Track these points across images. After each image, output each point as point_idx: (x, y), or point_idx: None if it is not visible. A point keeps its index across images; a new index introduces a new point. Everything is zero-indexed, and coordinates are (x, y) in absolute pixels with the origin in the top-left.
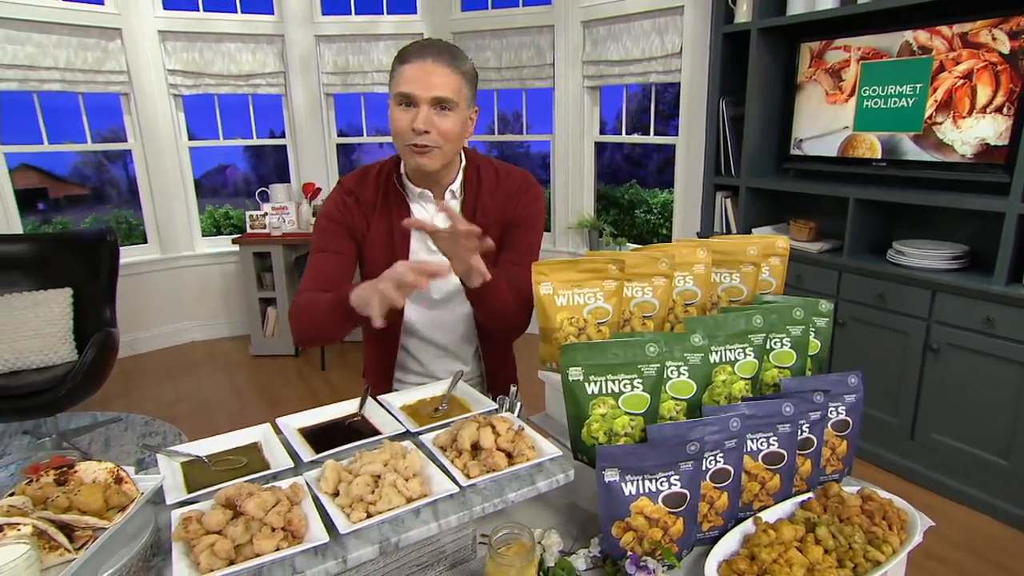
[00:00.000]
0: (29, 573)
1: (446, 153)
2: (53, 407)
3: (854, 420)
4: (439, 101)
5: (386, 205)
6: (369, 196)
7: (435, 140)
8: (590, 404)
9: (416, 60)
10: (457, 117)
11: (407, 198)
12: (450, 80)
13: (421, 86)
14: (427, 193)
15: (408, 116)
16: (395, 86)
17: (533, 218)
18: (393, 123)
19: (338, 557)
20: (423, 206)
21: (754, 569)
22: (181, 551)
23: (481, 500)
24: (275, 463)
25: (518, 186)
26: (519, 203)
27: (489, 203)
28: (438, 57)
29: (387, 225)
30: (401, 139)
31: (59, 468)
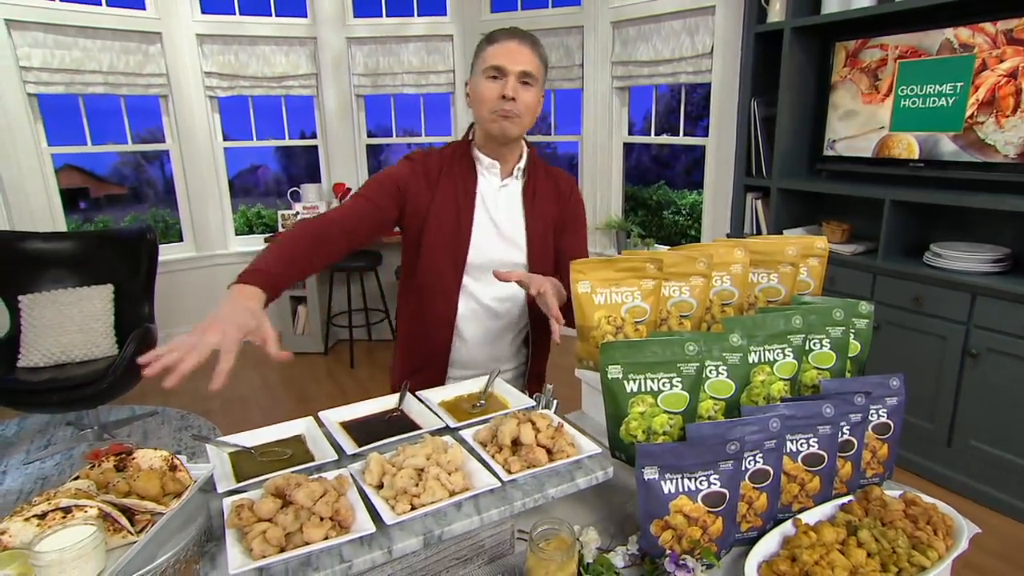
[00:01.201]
0: (96, 553)
1: (525, 124)
2: (95, 399)
3: (895, 423)
4: (525, 75)
5: (452, 172)
6: (435, 165)
7: (519, 108)
8: (629, 402)
9: (505, 40)
10: (536, 92)
11: (476, 166)
12: (533, 59)
13: (510, 60)
14: (495, 164)
15: (496, 86)
16: (484, 62)
17: (582, 220)
18: (480, 94)
19: (384, 548)
20: (488, 177)
21: (795, 570)
22: (234, 537)
23: (521, 495)
24: (319, 455)
25: (568, 185)
26: (570, 202)
27: (544, 191)
28: (523, 39)
29: (452, 191)
30: (488, 106)
31: (118, 454)
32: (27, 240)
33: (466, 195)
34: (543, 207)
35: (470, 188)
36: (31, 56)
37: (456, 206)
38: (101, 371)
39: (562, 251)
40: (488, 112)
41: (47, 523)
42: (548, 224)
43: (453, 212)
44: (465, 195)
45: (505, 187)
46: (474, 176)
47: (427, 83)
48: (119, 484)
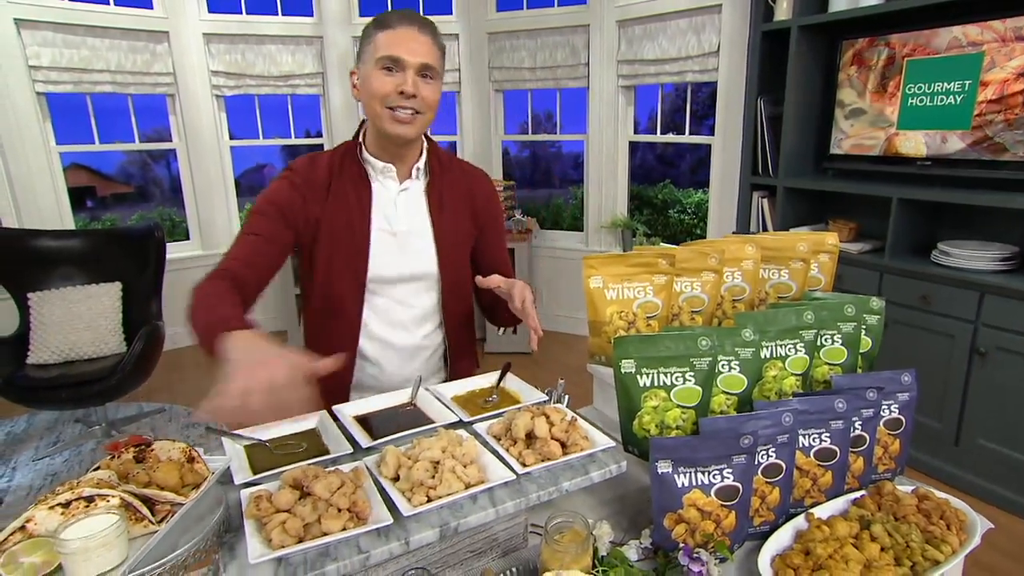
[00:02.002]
0: (119, 541)
1: (425, 122)
2: (104, 396)
3: (907, 419)
4: (425, 68)
5: (342, 182)
6: (321, 177)
7: (420, 105)
8: (642, 396)
9: (401, 27)
10: (437, 87)
11: (368, 175)
12: (432, 50)
13: (408, 51)
14: (390, 168)
15: (392, 80)
16: (376, 50)
17: (499, 215)
18: (372, 87)
19: (401, 539)
20: (384, 183)
21: (809, 564)
22: (253, 528)
23: (536, 488)
24: (334, 448)
25: (481, 180)
26: (487, 200)
27: (453, 189)
28: (423, 27)
29: (344, 201)
30: (382, 103)
31: (137, 446)
32: (36, 238)
33: (360, 204)
34: (453, 207)
35: (363, 196)
36: (40, 55)
37: (349, 218)
38: (109, 368)
39: (482, 253)
40: (382, 108)
41: (71, 512)
42: (460, 226)
43: (346, 225)
44: (359, 205)
45: (405, 191)
46: (367, 182)
47: None
48: (139, 475)
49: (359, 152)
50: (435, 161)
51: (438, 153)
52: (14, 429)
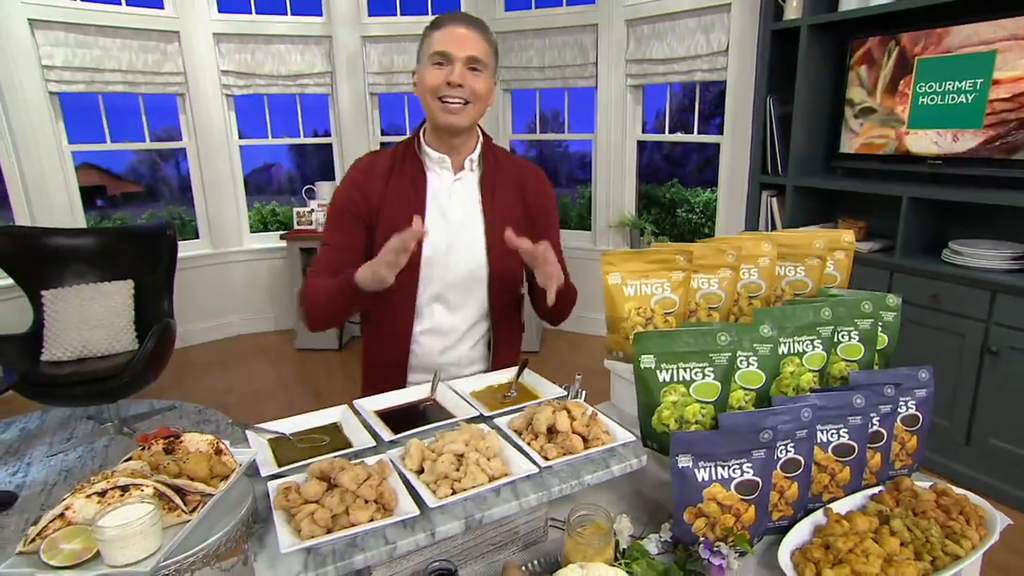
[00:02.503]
0: (154, 530)
1: (475, 112)
2: (116, 393)
3: (924, 415)
4: (473, 60)
5: (401, 171)
6: (382, 167)
7: (467, 95)
8: (661, 391)
9: (450, 25)
10: (486, 78)
11: (424, 166)
12: (481, 44)
13: (456, 46)
14: (446, 160)
15: (442, 72)
16: (429, 48)
17: (555, 211)
18: (425, 82)
19: (427, 530)
20: (439, 173)
21: (829, 558)
22: (282, 518)
23: (558, 481)
24: (357, 442)
25: (534, 176)
26: (538, 194)
27: (506, 183)
28: (471, 24)
29: (403, 190)
30: (434, 94)
31: (167, 438)
32: (50, 236)
33: (416, 193)
34: (504, 200)
35: (420, 186)
36: (53, 55)
37: (407, 205)
38: (122, 365)
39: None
40: (434, 100)
41: (107, 500)
42: (511, 217)
43: (404, 211)
44: (415, 193)
45: (459, 180)
46: (423, 173)
47: None
48: (169, 466)
49: (418, 145)
50: (489, 154)
51: (493, 147)
52: (28, 425)
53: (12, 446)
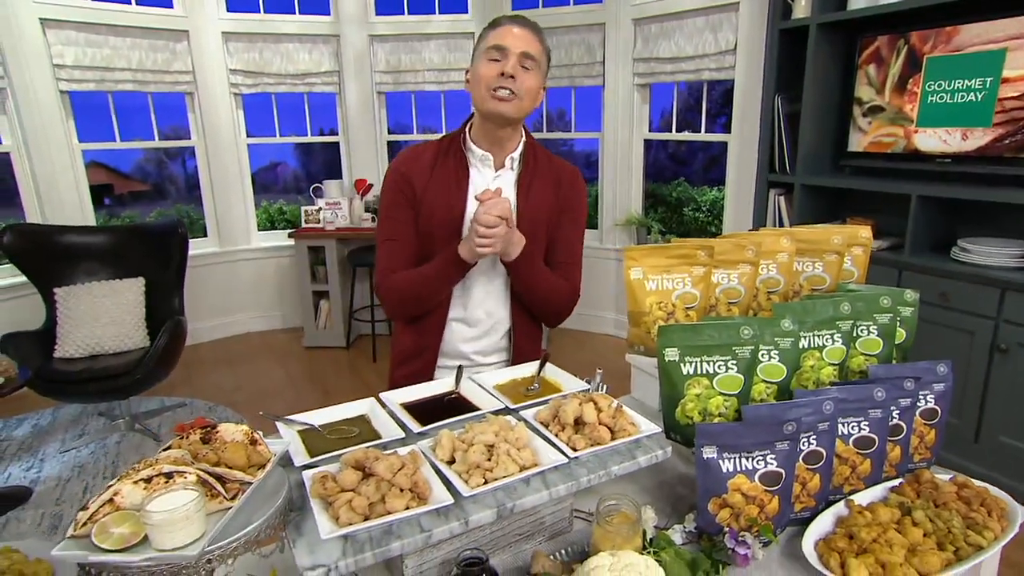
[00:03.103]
0: (199, 516)
1: (523, 107)
2: (129, 389)
3: (942, 409)
4: (526, 56)
5: (445, 164)
6: (427, 159)
7: (518, 88)
8: (685, 384)
9: (507, 24)
10: (537, 76)
11: (468, 161)
12: (535, 44)
13: (511, 40)
14: (488, 157)
15: (496, 65)
16: (486, 43)
17: (583, 210)
18: (479, 74)
19: (460, 519)
20: (481, 170)
21: (853, 547)
22: (320, 506)
23: (586, 472)
24: (386, 433)
25: (570, 175)
26: (572, 192)
27: (543, 180)
28: (526, 25)
29: (445, 183)
30: (486, 85)
31: (204, 428)
32: (62, 234)
33: (458, 187)
34: (539, 197)
35: (462, 180)
36: (64, 54)
37: (448, 197)
38: (134, 362)
39: (553, 241)
40: (486, 91)
41: (152, 487)
42: (543, 215)
43: (445, 203)
44: (457, 187)
45: (499, 178)
46: (466, 169)
47: (448, 80)
48: (208, 455)
49: (463, 141)
50: (530, 153)
51: (535, 147)
52: (40, 422)
53: (25, 442)
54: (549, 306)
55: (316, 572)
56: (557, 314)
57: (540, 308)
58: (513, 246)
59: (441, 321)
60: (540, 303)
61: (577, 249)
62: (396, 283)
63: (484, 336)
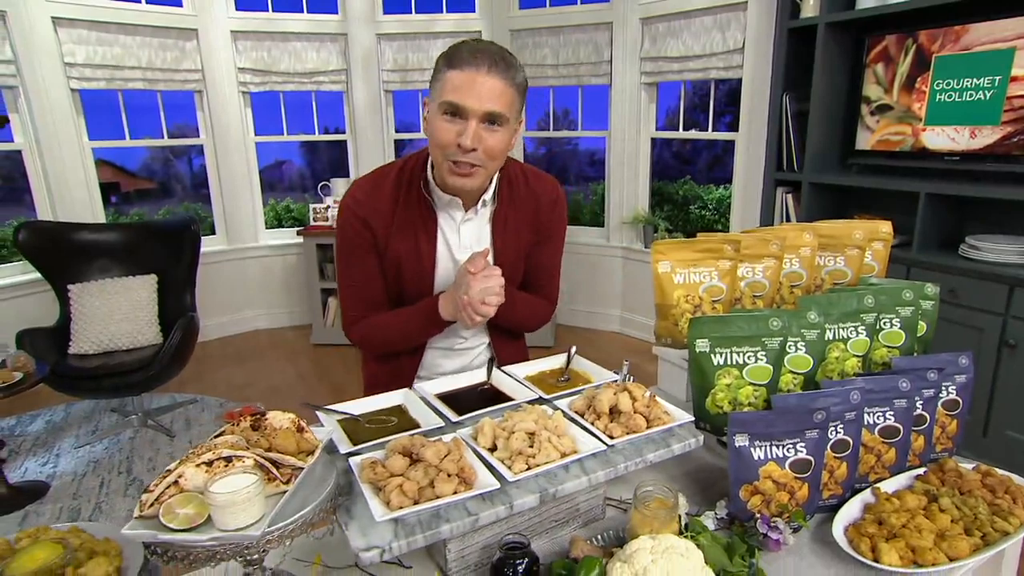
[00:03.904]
0: (259, 498)
1: (488, 172)
2: (144, 385)
3: (964, 400)
4: (490, 116)
5: (408, 210)
6: (385, 206)
7: (480, 159)
8: (716, 375)
9: (469, 68)
10: (505, 134)
11: (434, 206)
12: (503, 93)
13: (473, 98)
14: (456, 201)
15: (454, 129)
16: (442, 93)
17: (562, 231)
18: (435, 134)
19: (505, 503)
20: (451, 215)
21: (883, 533)
22: (371, 491)
23: (623, 459)
24: (424, 422)
25: (549, 196)
26: (552, 216)
27: (520, 213)
28: (493, 67)
29: (411, 229)
30: (443, 153)
31: (253, 415)
32: (75, 231)
33: (426, 232)
34: (516, 232)
35: (429, 225)
36: (75, 53)
37: (416, 245)
38: (148, 358)
39: (533, 265)
40: (443, 159)
41: (213, 470)
42: (521, 248)
43: (413, 251)
44: (425, 233)
45: (469, 220)
46: (432, 213)
47: None
48: (260, 441)
49: (424, 183)
50: (505, 187)
51: (510, 174)
52: (53, 418)
53: (40, 438)
54: (527, 325)
55: (371, 553)
56: (534, 327)
57: (518, 327)
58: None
59: (416, 351)
60: (518, 325)
61: (556, 267)
62: (367, 332)
63: (463, 354)
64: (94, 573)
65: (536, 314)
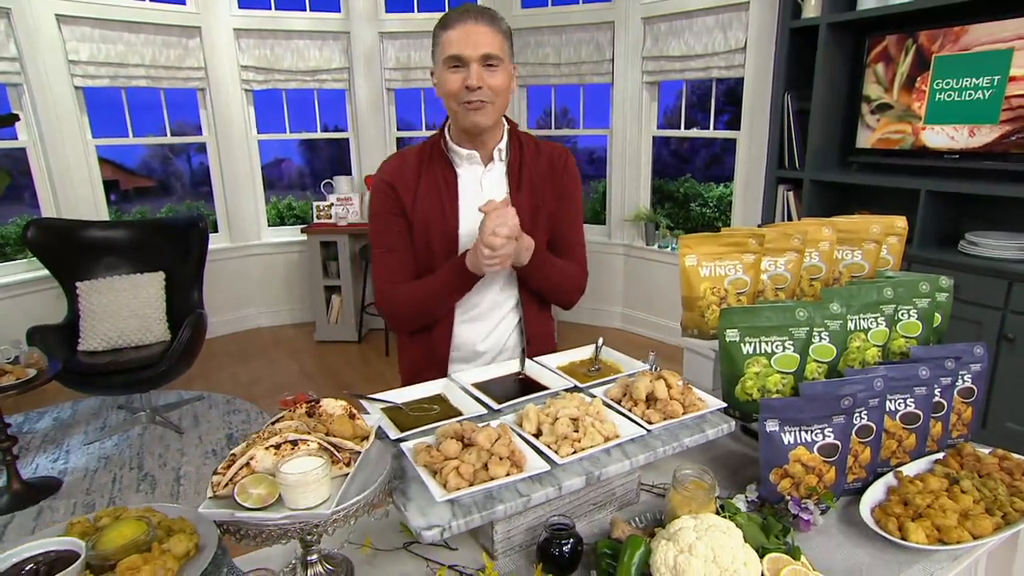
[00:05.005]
0: (326, 479)
1: (498, 108)
2: (153, 382)
3: (979, 388)
4: (487, 58)
5: (431, 172)
6: (410, 172)
7: (487, 95)
8: (745, 363)
9: (459, 24)
10: (504, 72)
11: (453, 163)
12: (494, 38)
13: (469, 46)
14: (474, 155)
15: (459, 76)
16: (443, 51)
17: (577, 191)
18: (444, 86)
19: (554, 485)
20: (469, 168)
21: (908, 513)
22: (427, 473)
23: (661, 443)
24: (466, 410)
25: (561, 157)
26: (565, 173)
27: (533, 167)
28: (479, 18)
29: (435, 189)
30: (455, 99)
31: (308, 402)
32: (83, 229)
33: (448, 190)
34: (533, 186)
35: (450, 182)
36: (79, 50)
37: (440, 202)
38: (157, 355)
39: (557, 225)
40: (456, 104)
41: (281, 453)
42: (540, 204)
43: (438, 214)
44: (447, 190)
45: (488, 172)
46: (453, 172)
47: None
48: (317, 426)
49: (444, 144)
50: (516, 142)
51: (519, 135)
52: (60, 415)
53: (48, 435)
54: (562, 293)
55: (432, 532)
56: (570, 298)
57: (554, 296)
58: (523, 253)
59: (448, 329)
60: (553, 292)
61: (579, 228)
62: (400, 296)
63: (494, 331)
64: (178, 548)
65: (569, 276)
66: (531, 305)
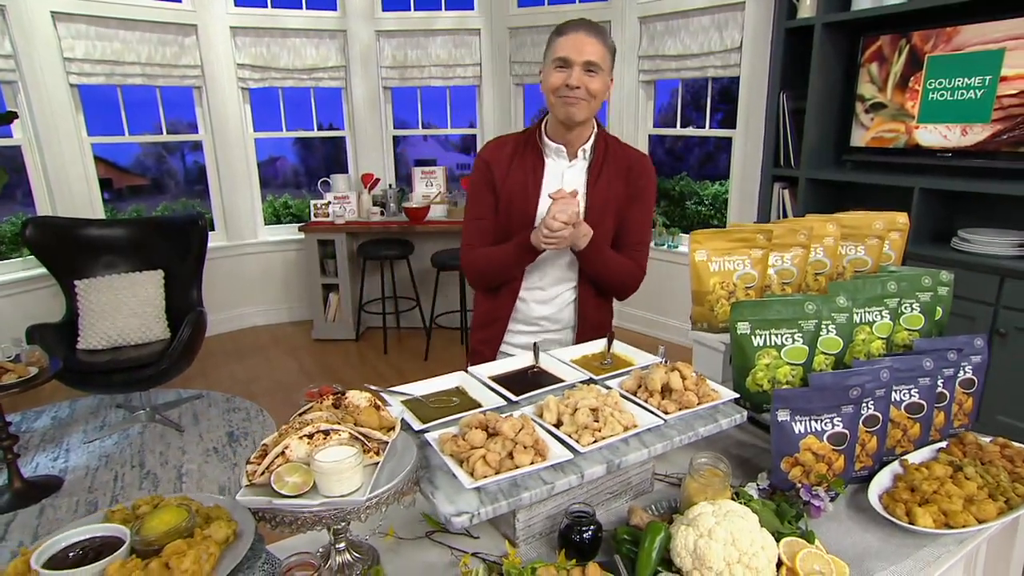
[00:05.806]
0: (359, 468)
1: (591, 108)
2: (153, 380)
3: (979, 379)
4: (589, 64)
5: (524, 157)
6: (507, 151)
7: (583, 95)
8: (756, 355)
9: (571, 32)
10: (601, 79)
11: (544, 153)
12: (597, 49)
13: (575, 52)
14: (562, 149)
15: (563, 75)
16: (553, 53)
17: (650, 197)
18: (548, 81)
19: (577, 473)
20: (556, 160)
21: (915, 499)
22: (454, 462)
23: (677, 433)
24: (485, 402)
25: (639, 161)
26: (642, 175)
27: (613, 166)
28: (589, 30)
29: (523, 173)
30: (555, 93)
31: (334, 394)
32: (81, 227)
33: (534, 176)
34: (607, 184)
35: (538, 170)
36: (74, 48)
37: (525, 186)
38: (157, 354)
39: (624, 223)
40: (556, 98)
41: (314, 442)
42: (611, 202)
43: (522, 191)
44: (533, 176)
45: (571, 167)
46: (542, 160)
47: (454, 76)
48: (345, 417)
49: (539, 136)
50: (601, 144)
51: (606, 138)
52: (58, 414)
53: (47, 433)
54: (615, 285)
55: (461, 518)
56: (623, 291)
57: (607, 286)
58: (581, 238)
59: (513, 294)
60: (607, 282)
61: (646, 230)
62: (475, 259)
63: (552, 302)
64: (218, 534)
65: (624, 271)
66: (587, 289)
